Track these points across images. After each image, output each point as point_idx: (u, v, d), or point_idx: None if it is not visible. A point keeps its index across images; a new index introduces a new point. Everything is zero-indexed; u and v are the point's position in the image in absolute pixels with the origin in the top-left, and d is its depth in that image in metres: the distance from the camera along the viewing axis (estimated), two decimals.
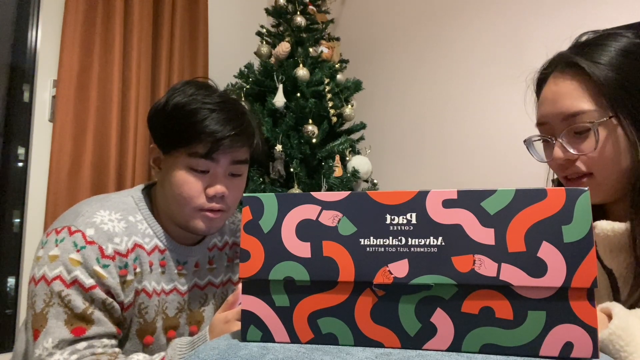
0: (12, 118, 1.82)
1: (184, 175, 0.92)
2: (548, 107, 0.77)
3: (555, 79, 0.77)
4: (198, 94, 0.93)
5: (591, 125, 0.72)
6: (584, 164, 0.75)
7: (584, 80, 0.73)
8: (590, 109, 0.72)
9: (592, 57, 0.74)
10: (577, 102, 0.73)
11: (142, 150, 1.95)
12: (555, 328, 0.45)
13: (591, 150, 0.73)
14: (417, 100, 2.33)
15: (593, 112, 0.72)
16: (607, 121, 0.72)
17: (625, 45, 0.74)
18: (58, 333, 0.83)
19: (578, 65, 0.74)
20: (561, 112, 0.75)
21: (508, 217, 0.46)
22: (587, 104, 0.72)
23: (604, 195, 0.75)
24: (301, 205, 0.51)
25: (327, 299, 0.50)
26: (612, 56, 0.73)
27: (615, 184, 0.74)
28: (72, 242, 0.87)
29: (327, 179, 1.92)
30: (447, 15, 2.25)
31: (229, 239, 1.13)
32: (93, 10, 1.84)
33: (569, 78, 0.75)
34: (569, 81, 0.75)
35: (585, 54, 0.75)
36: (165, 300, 0.98)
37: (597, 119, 0.72)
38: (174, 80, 2.09)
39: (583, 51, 0.76)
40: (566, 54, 0.78)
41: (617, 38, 0.75)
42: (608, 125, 0.72)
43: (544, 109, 0.78)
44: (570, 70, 0.75)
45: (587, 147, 0.73)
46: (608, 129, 0.72)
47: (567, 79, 0.75)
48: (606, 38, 0.76)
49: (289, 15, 2.13)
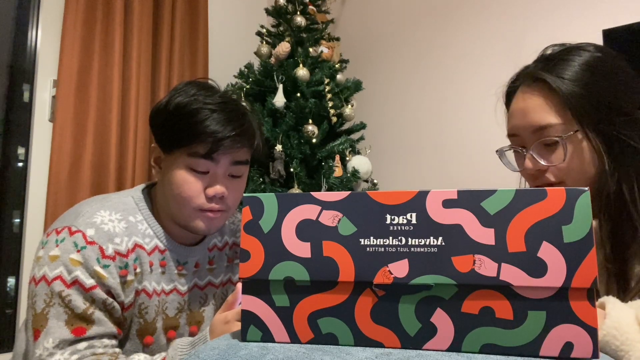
0: (12, 118, 1.83)
1: (184, 175, 0.92)
2: (518, 120, 0.80)
3: (523, 93, 0.80)
4: (199, 94, 0.93)
5: (559, 139, 0.74)
6: (553, 174, 0.77)
7: (550, 94, 0.76)
8: (557, 122, 0.75)
9: (556, 71, 0.76)
10: (545, 116, 0.76)
11: (142, 150, 1.95)
12: (555, 328, 0.45)
13: (560, 162, 0.76)
14: (417, 100, 2.33)
15: (560, 126, 0.75)
16: (573, 134, 0.74)
17: (587, 60, 0.76)
18: (58, 333, 0.83)
19: (544, 80, 0.76)
20: (530, 125, 0.77)
21: (508, 217, 0.46)
22: (553, 117, 0.75)
23: None
24: (301, 205, 0.51)
25: (327, 299, 0.50)
26: (576, 71, 0.75)
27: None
28: (72, 242, 0.87)
29: (327, 179, 1.92)
30: (446, 15, 2.25)
31: (229, 239, 1.13)
32: (93, 10, 1.84)
33: (536, 93, 0.78)
34: (536, 96, 0.77)
35: (550, 69, 0.77)
36: (166, 301, 0.98)
37: (564, 133, 0.74)
38: (174, 80, 2.09)
39: (548, 65, 0.78)
40: (532, 68, 0.81)
41: (579, 53, 0.77)
42: (574, 137, 0.75)
43: (514, 122, 0.81)
44: (537, 85, 0.78)
45: (556, 158, 0.76)
46: (575, 141, 0.75)
47: (534, 94, 0.78)
48: (569, 52, 0.78)
49: (289, 15, 2.13)
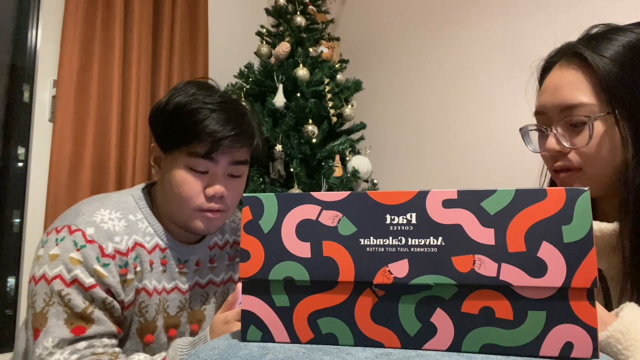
0: (12, 118, 1.82)
1: (184, 175, 0.92)
2: (548, 96, 0.76)
3: (560, 68, 0.76)
4: (199, 93, 0.93)
5: (587, 119, 0.71)
6: (575, 158, 0.73)
7: (587, 72, 0.72)
8: (589, 102, 0.71)
9: (597, 49, 0.72)
10: (577, 94, 0.72)
11: (142, 150, 1.95)
12: (555, 328, 0.45)
13: (584, 145, 0.72)
14: (417, 100, 2.33)
15: (591, 106, 0.71)
16: (604, 117, 0.70)
17: (632, 41, 0.72)
18: (58, 332, 0.83)
19: (583, 56, 0.72)
20: (560, 103, 0.73)
21: (508, 217, 0.46)
22: (586, 96, 0.71)
23: (592, 191, 0.73)
24: (301, 205, 0.51)
25: (327, 299, 0.50)
26: (617, 50, 0.71)
27: (604, 181, 0.73)
28: (72, 241, 0.87)
29: (327, 179, 1.92)
30: (447, 14, 2.25)
31: (229, 237, 1.13)
32: (93, 10, 1.84)
33: (572, 68, 0.74)
34: (572, 71, 0.73)
35: (591, 46, 0.73)
36: (167, 299, 0.98)
37: (594, 114, 0.70)
38: (174, 80, 2.09)
39: (590, 43, 0.74)
40: (573, 44, 0.77)
41: (625, 33, 0.73)
42: (605, 120, 0.71)
43: (544, 98, 0.77)
44: (575, 61, 0.74)
45: (580, 141, 0.72)
46: (605, 124, 0.71)
47: (570, 69, 0.74)
48: (615, 32, 0.74)
49: (289, 15, 2.13)
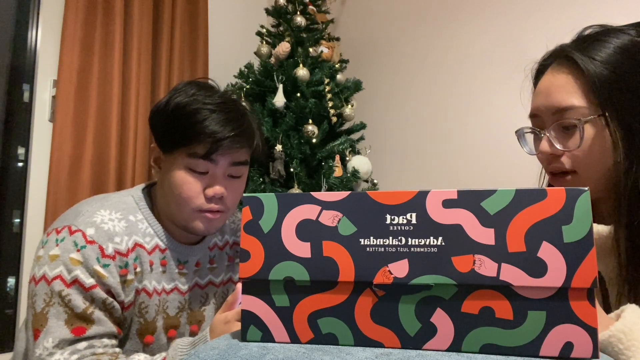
0: (12, 118, 1.82)
1: (183, 176, 0.92)
2: (541, 99, 0.76)
3: (552, 71, 0.76)
4: (199, 94, 0.93)
5: (578, 122, 0.71)
6: (568, 160, 0.74)
7: (578, 75, 0.72)
8: (579, 105, 0.71)
9: (588, 52, 0.72)
10: (568, 97, 0.72)
11: (142, 150, 1.95)
12: (555, 328, 0.45)
13: (575, 147, 0.72)
14: (417, 100, 2.33)
15: (582, 109, 0.71)
16: (594, 119, 0.70)
17: (624, 43, 0.71)
18: (58, 333, 0.83)
19: (574, 60, 0.73)
20: (552, 106, 0.74)
21: (508, 217, 0.46)
22: (577, 99, 0.71)
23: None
24: (301, 205, 0.51)
25: (327, 299, 0.50)
26: (609, 53, 0.71)
27: (599, 183, 0.73)
28: (72, 241, 0.87)
29: (327, 179, 1.92)
30: (447, 15, 2.25)
31: (229, 238, 1.13)
32: (93, 10, 1.84)
33: (564, 72, 0.74)
34: (563, 75, 0.74)
35: (582, 49, 0.73)
36: (166, 300, 0.98)
37: (584, 116, 0.71)
38: (174, 80, 2.09)
39: (582, 45, 0.74)
40: (564, 46, 0.77)
41: (618, 35, 0.73)
42: (596, 123, 0.71)
43: (537, 101, 0.77)
44: (566, 64, 0.74)
45: (572, 143, 0.72)
46: (596, 127, 0.71)
47: (562, 73, 0.74)
48: (607, 34, 0.74)
49: (289, 15, 2.13)
